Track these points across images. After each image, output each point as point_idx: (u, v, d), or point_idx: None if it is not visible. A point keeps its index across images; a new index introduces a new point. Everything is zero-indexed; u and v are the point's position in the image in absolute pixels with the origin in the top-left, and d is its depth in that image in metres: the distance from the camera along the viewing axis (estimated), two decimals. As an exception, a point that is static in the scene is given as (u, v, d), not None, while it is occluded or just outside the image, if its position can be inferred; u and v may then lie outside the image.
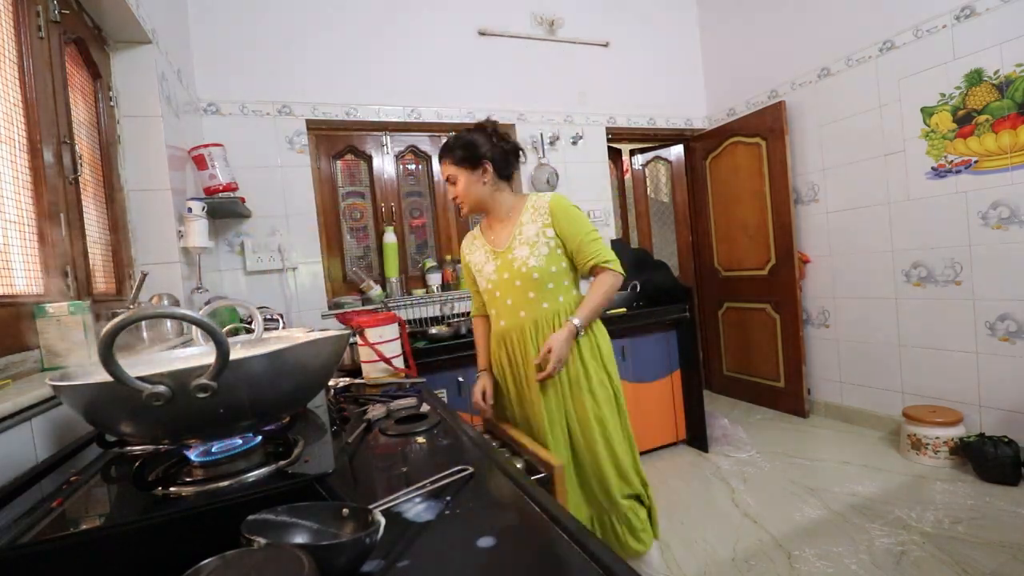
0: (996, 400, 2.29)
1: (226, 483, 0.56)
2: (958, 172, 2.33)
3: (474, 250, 1.54)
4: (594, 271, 1.38)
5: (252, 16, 2.52)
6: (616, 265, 1.37)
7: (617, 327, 2.62)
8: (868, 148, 2.70)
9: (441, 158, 1.43)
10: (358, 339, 1.46)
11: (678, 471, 2.53)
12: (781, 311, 3.19)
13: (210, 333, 0.49)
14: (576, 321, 1.33)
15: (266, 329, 1.41)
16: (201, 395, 0.50)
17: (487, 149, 1.40)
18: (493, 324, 1.51)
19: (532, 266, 1.36)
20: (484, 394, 1.53)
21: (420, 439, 0.86)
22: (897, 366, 2.69)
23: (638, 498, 1.48)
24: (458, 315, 2.83)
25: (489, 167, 1.40)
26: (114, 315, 0.48)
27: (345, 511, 0.50)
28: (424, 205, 3.04)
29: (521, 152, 1.49)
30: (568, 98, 3.23)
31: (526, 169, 3.09)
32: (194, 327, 1.07)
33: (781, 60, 3.10)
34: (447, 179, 1.44)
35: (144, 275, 1.36)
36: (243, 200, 2.25)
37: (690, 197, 3.82)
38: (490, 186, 1.42)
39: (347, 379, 1.39)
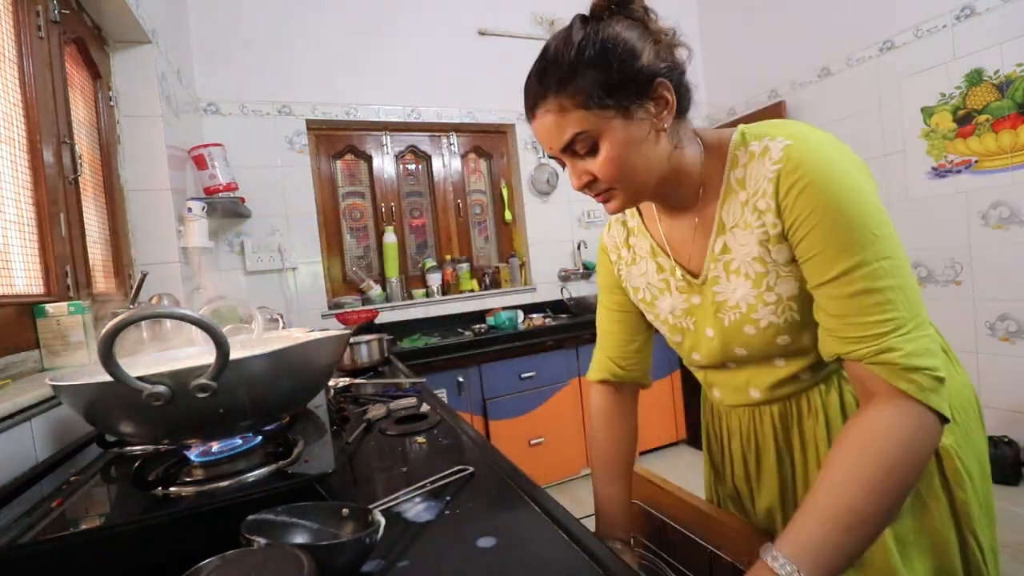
0: (996, 400, 2.29)
1: (226, 483, 0.56)
2: (958, 172, 2.33)
3: (628, 259, 0.80)
4: (853, 367, 0.56)
5: (252, 16, 2.52)
6: (927, 382, 0.52)
7: (617, 327, 2.62)
8: (868, 148, 2.70)
9: (538, 101, 0.60)
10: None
11: (678, 471, 2.53)
12: (781, 311, 3.18)
13: (210, 333, 0.49)
14: (779, 564, 0.48)
15: (266, 329, 1.41)
16: (201, 395, 0.50)
17: (652, 59, 0.59)
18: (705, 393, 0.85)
19: (763, 319, 0.63)
20: None
21: (420, 439, 0.86)
22: (897, 366, 2.69)
23: None
24: (459, 315, 2.83)
25: (671, 97, 0.61)
26: (114, 315, 0.48)
27: (345, 511, 0.50)
28: (424, 205, 3.04)
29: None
30: (568, 98, 3.23)
31: (526, 169, 3.09)
32: (194, 327, 1.07)
33: (781, 60, 3.10)
34: (566, 153, 0.62)
35: (144, 275, 1.36)
36: (243, 200, 2.25)
37: (690, 197, 3.81)
38: (670, 138, 0.63)
39: (347, 379, 1.39)
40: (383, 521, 0.47)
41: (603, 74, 0.57)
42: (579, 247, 3.19)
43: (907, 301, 0.53)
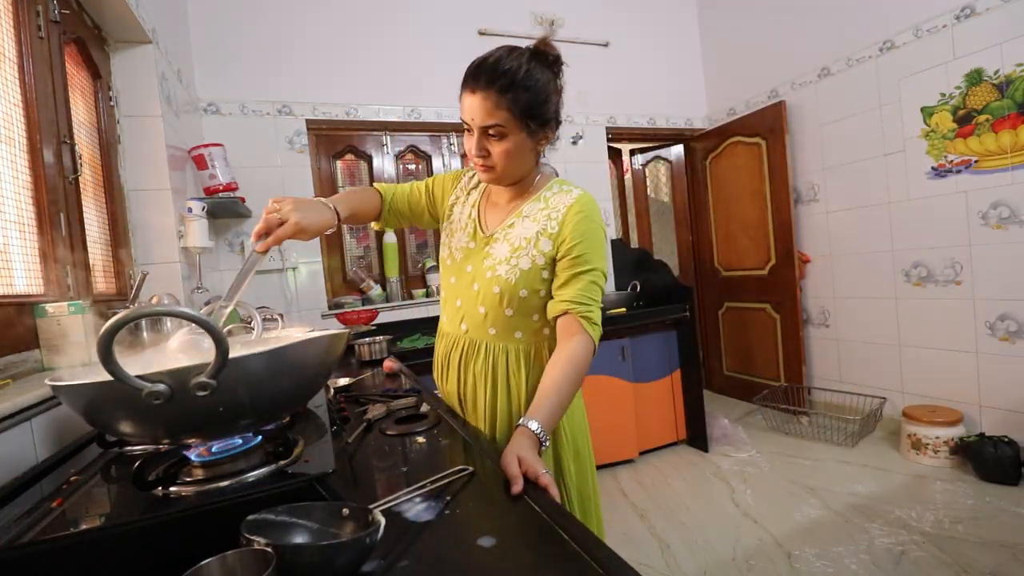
0: (996, 400, 2.29)
1: (226, 483, 0.56)
2: (958, 172, 2.33)
3: (463, 200, 1.09)
4: (562, 319, 0.90)
5: (252, 16, 2.52)
6: (595, 329, 0.89)
7: (617, 327, 2.62)
8: (868, 148, 2.70)
9: (486, 86, 0.85)
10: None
11: (678, 471, 2.53)
12: (781, 311, 3.19)
13: (209, 331, 0.49)
14: (533, 426, 0.79)
15: (266, 329, 1.41)
16: (201, 393, 0.50)
17: (555, 103, 0.92)
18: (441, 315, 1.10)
19: (498, 276, 0.94)
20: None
21: (420, 439, 0.86)
22: (897, 366, 2.69)
23: None
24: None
25: (552, 133, 0.95)
26: (113, 315, 0.48)
27: (345, 511, 0.50)
28: (424, 205, 3.04)
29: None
30: (568, 98, 3.21)
31: (526, 169, 3.09)
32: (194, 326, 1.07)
33: (781, 60, 3.10)
34: (482, 129, 0.88)
35: (144, 275, 1.36)
36: (243, 200, 2.25)
37: (690, 197, 3.82)
38: (536, 157, 0.97)
39: (347, 379, 1.38)
40: (383, 521, 0.47)
41: (530, 99, 0.86)
42: (579, 247, 3.19)
43: (600, 293, 0.93)
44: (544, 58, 0.89)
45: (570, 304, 0.88)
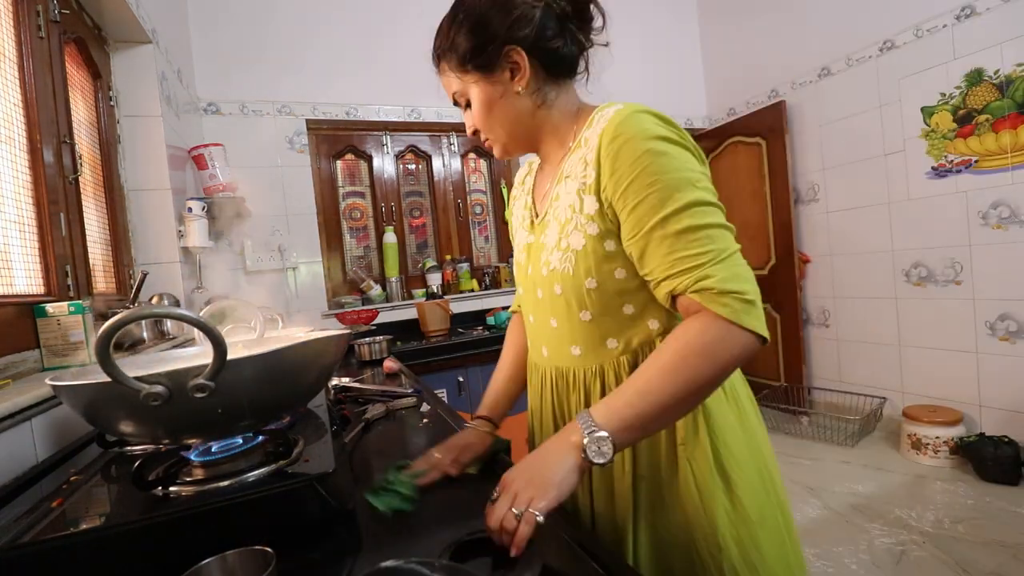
0: (996, 400, 2.29)
1: (226, 483, 0.56)
2: (958, 172, 2.33)
3: (519, 190, 0.87)
4: (681, 304, 0.59)
5: (252, 16, 2.52)
6: (726, 301, 0.54)
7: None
8: (868, 148, 2.70)
9: (437, 59, 0.75)
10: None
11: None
12: (781, 311, 3.18)
13: (207, 333, 0.49)
14: (582, 421, 0.56)
15: (266, 329, 1.41)
16: (199, 395, 0.50)
17: (501, 20, 0.66)
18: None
19: (554, 269, 0.68)
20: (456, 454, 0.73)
21: (420, 439, 0.86)
22: (897, 366, 2.69)
23: None
24: (458, 315, 2.83)
25: (523, 62, 0.67)
26: (112, 315, 0.48)
27: None
28: (424, 205, 3.04)
29: (594, 9, 0.78)
30: (568, 98, 3.23)
31: (526, 169, 3.09)
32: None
33: (781, 60, 3.10)
34: (453, 100, 0.77)
35: (144, 275, 1.36)
36: (243, 200, 2.25)
37: (690, 197, 3.82)
38: (531, 97, 0.70)
39: (347, 379, 1.39)
40: None
41: (466, 45, 0.67)
42: (579, 247, 3.19)
43: (724, 238, 0.58)
44: None
45: (679, 278, 0.56)
